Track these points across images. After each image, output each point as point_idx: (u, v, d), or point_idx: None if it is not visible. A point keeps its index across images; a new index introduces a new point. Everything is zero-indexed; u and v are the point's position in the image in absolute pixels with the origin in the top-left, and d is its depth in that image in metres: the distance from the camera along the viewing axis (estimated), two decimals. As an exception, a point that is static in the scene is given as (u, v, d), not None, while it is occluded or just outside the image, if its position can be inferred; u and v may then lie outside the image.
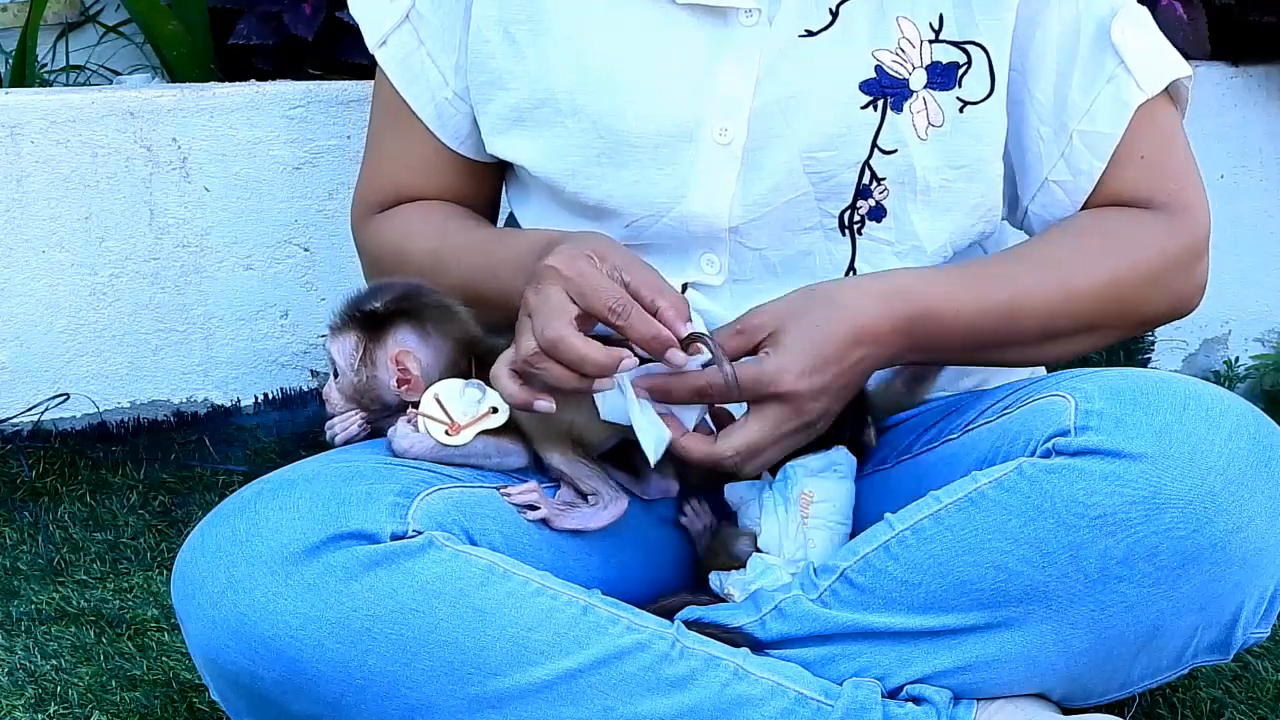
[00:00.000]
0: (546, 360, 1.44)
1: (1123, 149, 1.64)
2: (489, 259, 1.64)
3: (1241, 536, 1.43)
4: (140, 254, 2.27)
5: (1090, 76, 1.63)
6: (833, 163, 1.60)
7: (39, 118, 2.21)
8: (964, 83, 1.61)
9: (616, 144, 1.62)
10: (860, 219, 1.63)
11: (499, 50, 1.66)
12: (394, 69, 1.73)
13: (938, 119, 1.61)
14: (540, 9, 1.64)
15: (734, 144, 1.60)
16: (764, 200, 1.61)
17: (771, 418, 1.50)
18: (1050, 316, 1.59)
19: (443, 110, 1.73)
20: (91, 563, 2.01)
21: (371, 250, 1.79)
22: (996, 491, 1.46)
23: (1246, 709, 1.69)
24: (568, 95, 1.63)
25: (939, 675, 1.49)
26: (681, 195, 1.62)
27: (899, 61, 1.60)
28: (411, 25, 1.72)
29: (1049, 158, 1.65)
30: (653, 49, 1.62)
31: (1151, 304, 1.65)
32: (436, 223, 1.73)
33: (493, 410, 1.54)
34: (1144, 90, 1.63)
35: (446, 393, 1.54)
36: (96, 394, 2.28)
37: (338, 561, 1.41)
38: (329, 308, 2.31)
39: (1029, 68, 1.63)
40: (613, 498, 1.56)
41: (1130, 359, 2.61)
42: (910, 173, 1.61)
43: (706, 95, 1.60)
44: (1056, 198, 1.67)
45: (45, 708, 1.66)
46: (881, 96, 1.60)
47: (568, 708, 1.43)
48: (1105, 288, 1.61)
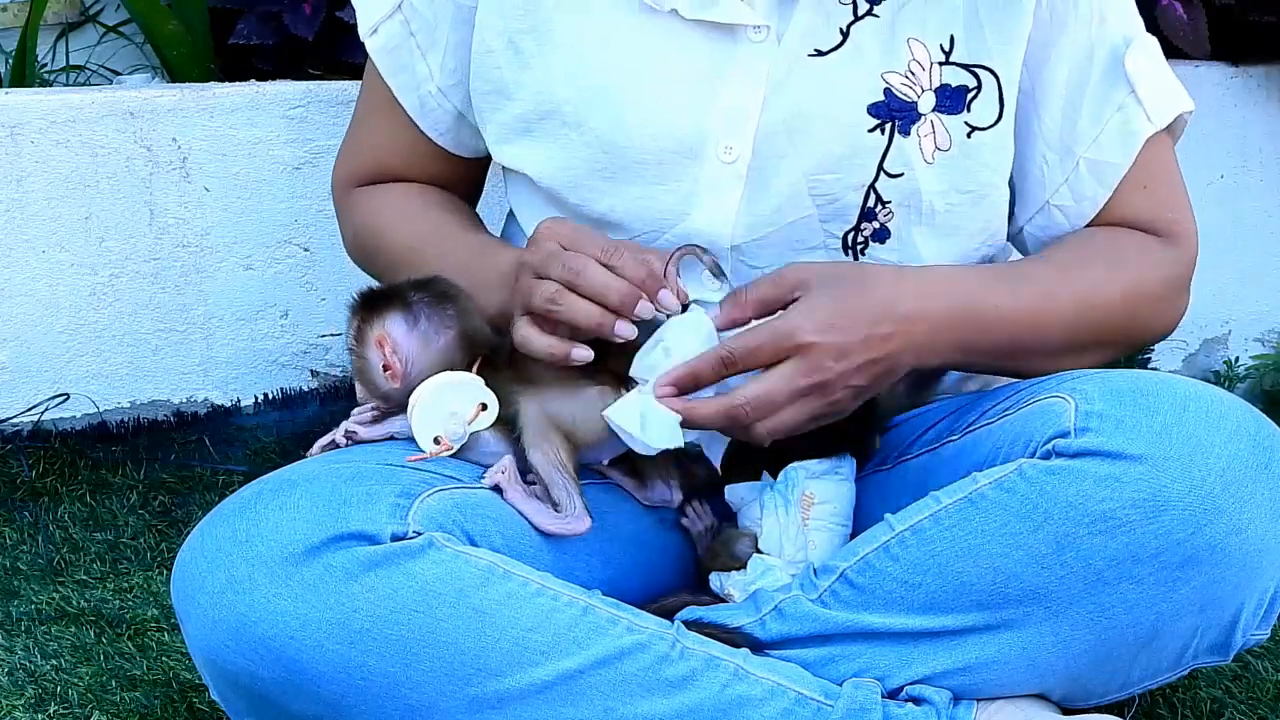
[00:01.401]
0: (568, 296, 1.46)
1: (1127, 178, 1.65)
2: (466, 272, 1.63)
3: (1241, 538, 1.43)
4: (140, 254, 2.27)
5: (1100, 104, 1.63)
6: (838, 185, 1.60)
7: (39, 118, 2.21)
8: (973, 108, 1.61)
9: (620, 159, 1.61)
10: (864, 240, 1.62)
11: (503, 60, 1.66)
12: (381, 58, 1.75)
13: (945, 143, 1.61)
14: (545, 19, 1.63)
15: (739, 163, 1.59)
16: (768, 220, 1.61)
17: (788, 370, 1.48)
18: (1074, 326, 1.59)
19: (426, 102, 1.75)
20: (91, 563, 2.01)
21: (352, 224, 1.82)
22: (997, 492, 1.46)
23: (1246, 709, 1.69)
24: (571, 108, 1.62)
25: (939, 676, 1.49)
26: (685, 213, 1.61)
27: (908, 84, 1.59)
28: (403, 16, 1.73)
29: (1052, 182, 1.65)
30: (658, 64, 1.60)
31: (1151, 324, 1.67)
32: (416, 216, 1.75)
33: (482, 407, 1.54)
34: (1154, 123, 1.64)
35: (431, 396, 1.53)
36: (96, 394, 2.28)
37: (338, 562, 1.41)
38: (329, 308, 2.34)
39: (1039, 92, 1.63)
40: (574, 516, 1.54)
41: (1130, 359, 2.61)
42: (916, 196, 1.60)
43: (711, 112, 1.59)
44: (1056, 220, 1.67)
45: (45, 708, 1.66)
46: (889, 120, 1.59)
47: (568, 708, 1.43)
48: (1121, 304, 1.62)
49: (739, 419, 1.49)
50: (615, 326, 1.49)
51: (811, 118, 1.58)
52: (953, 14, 1.59)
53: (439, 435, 1.53)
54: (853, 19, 1.59)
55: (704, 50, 1.59)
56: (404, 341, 1.54)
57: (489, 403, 1.53)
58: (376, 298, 1.56)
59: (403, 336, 1.54)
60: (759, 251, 1.62)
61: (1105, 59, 1.63)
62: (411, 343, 1.55)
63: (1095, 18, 1.62)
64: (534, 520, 1.53)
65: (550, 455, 1.54)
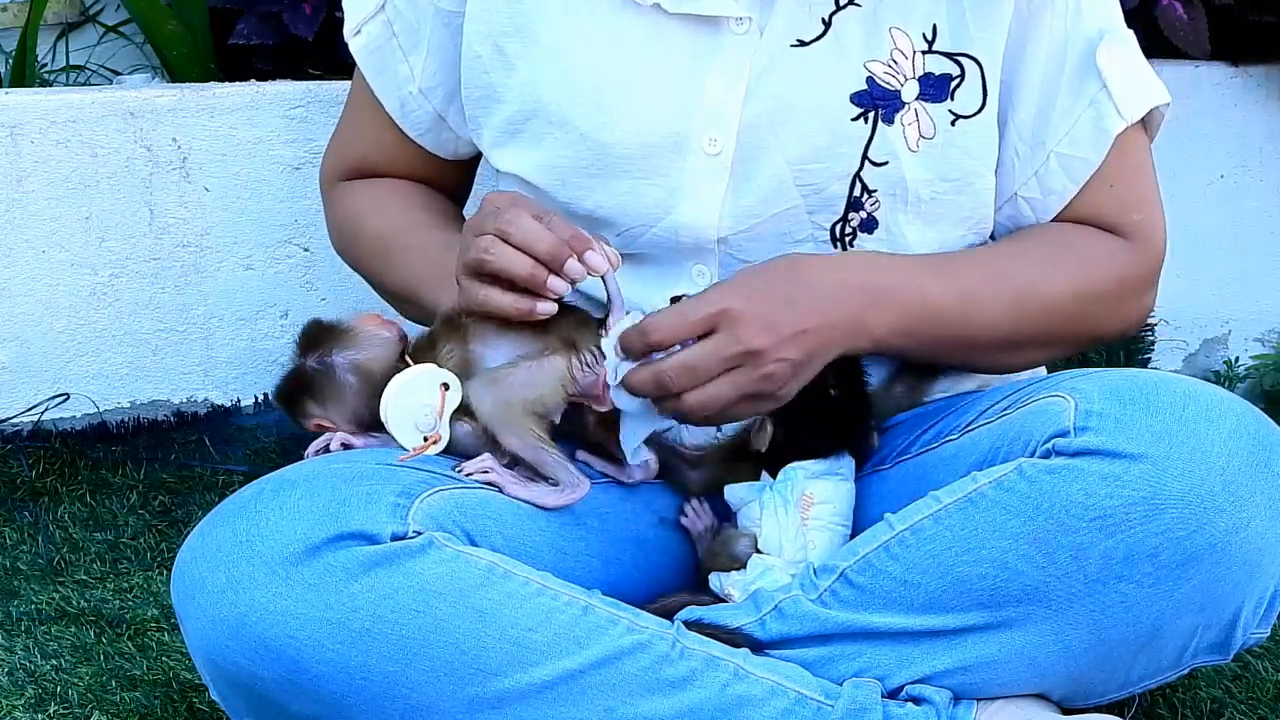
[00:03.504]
0: (501, 245, 1.48)
1: (1095, 175, 1.64)
2: (436, 268, 1.65)
3: (1241, 537, 1.43)
4: (140, 254, 2.27)
5: (1073, 98, 1.63)
6: (823, 174, 1.60)
7: (39, 118, 2.21)
8: (956, 96, 1.61)
9: (605, 155, 1.61)
10: (852, 231, 1.62)
11: (490, 64, 1.66)
12: (364, 58, 1.77)
13: (929, 131, 1.61)
14: (528, 21, 1.64)
15: (723, 154, 1.60)
16: (753, 211, 1.61)
17: (713, 339, 1.49)
18: (1014, 319, 1.59)
19: (406, 103, 1.77)
20: (91, 563, 2.01)
21: (336, 217, 1.86)
22: (996, 492, 1.46)
23: (1246, 709, 1.69)
24: (555, 107, 1.63)
25: (939, 675, 1.49)
26: (671, 206, 1.61)
27: (891, 73, 1.60)
28: (386, 16, 1.75)
29: (1022, 173, 1.65)
30: (641, 59, 1.61)
31: (1103, 324, 1.66)
32: (394, 213, 1.78)
33: (445, 387, 1.54)
34: (1124, 118, 1.64)
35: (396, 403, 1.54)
36: (96, 394, 2.28)
37: (338, 562, 1.41)
38: (329, 308, 2.34)
39: (1015, 83, 1.63)
40: (573, 484, 1.56)
41: (1130, 359, 2.61)
42: (901, 185, 1.61)
43: (695, 105, 1.60)
44: (1023, 212, 1.67)
45: (45, 708, 1.66)
46: (872, 108, 1.60)
47: (568, 708, 1.43)
48: (1065, 300, 1.62)
49: (665, 385, 1.49)
50: (547, 280, 1.49)
51: (794, 108, 1.59)
52: (935, 3, 1.60)
53: (425, 434, 1.54)
54: (834, 8, 1.59)
55: (687, 43, 1.60)
56: (329, 413, 1.59)
57: (449, 381, 1.54)
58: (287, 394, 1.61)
59: (324, 413, 1.60)
60: (747, 245, 1.62)
61: (1079, 52, 1.63)
62: (336, 409, 1.59)
63: (1071, 9, 1.62)
64: (539, 502, 1.54)
65: (528, 438, 1.54)
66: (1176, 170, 2.51)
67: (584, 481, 1.56)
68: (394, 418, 1.54)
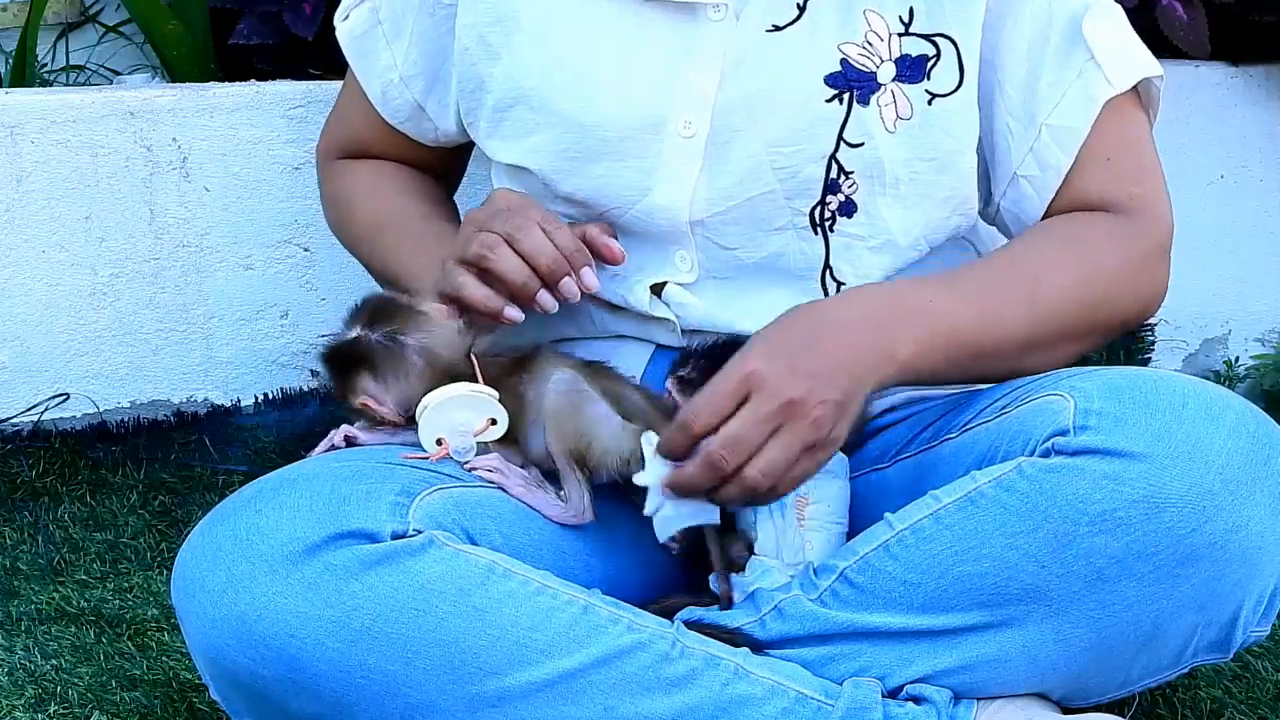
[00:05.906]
0: (504, 248, 1.53)
1: (1089, 149, 1.63)
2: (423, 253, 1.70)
3: (1241, 535, 1.43)
4: (140, 254, 2.27)
5: (1060, 70, 1.63)
6: (798, 157, 1.61)
7: (39, 118, 2.21)
8: (932, 75, 1.61)
9: (585, 139, 1.63)
10: (831, 215, 1.63)
11: (477, 56, 1.69)
12: (348, 44, 1.82)
13: (906, 112, 1.61)
14: (510, 10, 1.67)
15: (697, 137, 1.61)
16: (728, 194, 1.62)
17: (749, 406, 1.45)
18: (1032, 316, 1.58)
19: (388, 90, 1.81)
20: (91, 563, 2.01)
21: (329, 194, 1.92)
22: (996, 491, 1.46)
23: (1246, 709, 1.69)
24: (537, 92, 1.65)
25: (939, 675, 1.49)
26: (647, 188, 1.63)
27: (865, 55, 1.61)
28: (372, 3, 1.79)
29: (1018, 152, 1.65)
30: (620, 46, 1.63)
31: (1119, 309, 1.64)
32: (383, 195, 1.82)
33: (491, 421, 1.54)
34: (1113, 85, 1.63)
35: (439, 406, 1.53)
36: (96, 394, 2.28)
37: (338, 561, 1.41)
38: (329, 308, 2.34)
39: (1000, 61, 1.63)
40: (579, 510, 1.55)
41: (1130, 359, 2.61)
42: (878, 166, 1.61)
43: (673, 90, 1.62)
44: (1025, 193, 1.66)
45: (45, 708, 1.66)
46: (847, 90, 1.60)
47: (568, 707, 1.43)
48: (1078, 286, 1.60)
49: (719, 465, 1.45)
50: (538, 295, 1.55)
51: (768, 93, 1.60)
52: None
53: (441, 438, 1.54)
54: None
55: (665, 31, 1.62)
56: (384, 394, 1.56)
57: (499, 418, 1.54)
58: (341, 359, 1.57)
59: (381, 392, 1.56)
60: (724, 229, 1.63)
61: (1064, 24, 1.63)
62: (394, 390, 1.56)
63: None
64: (544, 511, 1.54)
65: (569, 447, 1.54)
66: (1176, 170, 2.49)
67: (590, 512, 1.56)
68: (430, 420, 1.53)
